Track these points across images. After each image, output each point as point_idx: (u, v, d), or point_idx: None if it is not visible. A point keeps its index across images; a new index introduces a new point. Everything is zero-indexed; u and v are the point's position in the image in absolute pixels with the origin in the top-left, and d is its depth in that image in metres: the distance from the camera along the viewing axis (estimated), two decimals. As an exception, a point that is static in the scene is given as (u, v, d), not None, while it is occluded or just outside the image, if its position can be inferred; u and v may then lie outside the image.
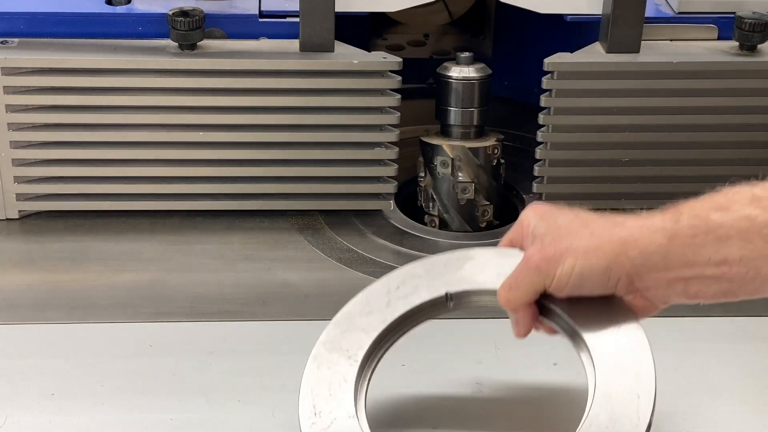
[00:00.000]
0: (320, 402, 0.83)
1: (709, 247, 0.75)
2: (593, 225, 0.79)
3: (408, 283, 0.88)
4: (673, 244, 0.76)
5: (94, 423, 0.89)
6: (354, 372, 0.84)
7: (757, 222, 0.74)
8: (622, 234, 0.77)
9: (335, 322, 0.87)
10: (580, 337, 0.82)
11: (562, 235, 0.79)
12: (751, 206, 0.74)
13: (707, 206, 0.76)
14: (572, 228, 0.79)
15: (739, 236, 0.74)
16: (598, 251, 0.77)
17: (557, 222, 0.80)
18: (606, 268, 0.77)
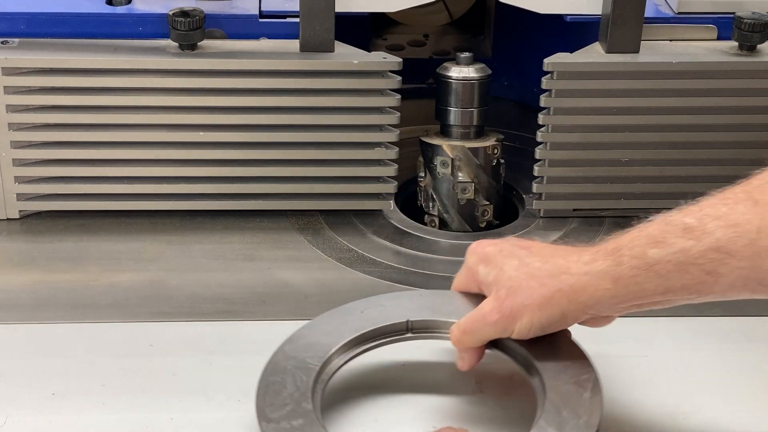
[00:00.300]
0: (273, 409, 0.84)
1: (652, 282, 0.80)
2: (540, 275, 0.85)
3: (372, 308, 0.93)
4: (619, 285, 0.81)
5: (94, 423, 0.89)
6: (311, 380, 0.86)
7: (692, 254, 0.78)
8: (570, 282, 0.83)
9: (298, 332, 0.91)
10: (534, 365, 0.87)
11: (516, 290, 0.85)
12: (684, 238, 0.79)
13: (644, 242, 0.81)
14: (522, 280, 0.85)
15: (677, 269, 0.79)
16: (551, 302, 0.84)
17: (505, 271, 0.86)
18: (562, 315, 0.84)
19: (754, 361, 0.98)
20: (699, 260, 0.78)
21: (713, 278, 0.79)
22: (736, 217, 0.78)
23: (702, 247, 0.78)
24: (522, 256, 0.87)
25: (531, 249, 0.88)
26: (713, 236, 0.78)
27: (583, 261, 0.83)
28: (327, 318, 0.93)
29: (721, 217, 0.78)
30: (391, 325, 0.92)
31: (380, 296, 0.96)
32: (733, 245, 0.77)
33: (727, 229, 0.77)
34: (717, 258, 0.78)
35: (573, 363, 0.87)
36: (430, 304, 0.94)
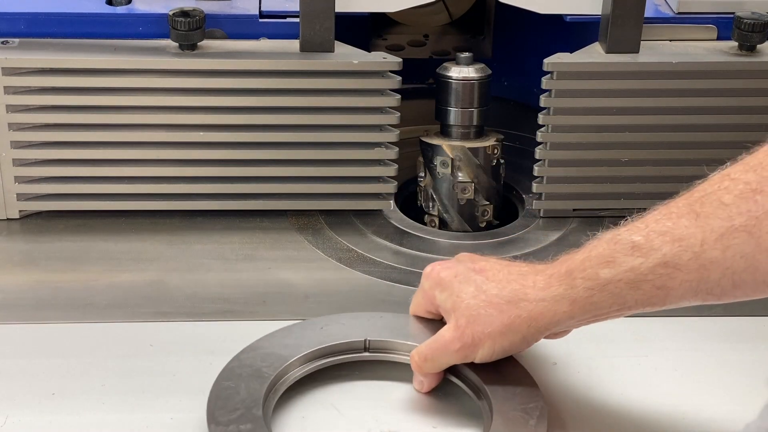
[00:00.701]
0: (223, 413, 0.85)
1: (607, 301, 0.83)
2: (498, 302, 0.86)
3: (332, 325, 0.95)
4: (575, 307, 0.84)
5: (94, 423, 0.89)
6: (263, 388, 0.88)
7: (641, 271, 0.80)
8: (529, 308, 0.85)
9: (256, 342, 0.93)
10: (483, 391, 0.89)
11: (475, 318, 0.87)
12: (632, 256, 0.81)
13: (595, 263, 0.83)
14: (480, 308, 0.87)
15: (629, 287, 0.81)
16: (512, 329, 0.86)
17: (462, 299, 0.88)
18: (522, 339, 0.87)
19: (754, 361, 0.98)
20: (649, 276, 0.80)
21: (664, 292, 0.81)
22: (680, 231, 0.79)
23: (650, 264, 0.80)
24: (478, 282, 0.88)
25: (486, 273, 0.89)
26: (660, 252, 0.80)
27: (539, 287, 0.85)
28: (286, 331, 0.95)
29: (666, 232, 0.80)
30: (349, 342, 0.94)
31: (341, 315, 0.98)
32: (679, 259, 0.79)
33: (672, 245, 0.79)
34: (665, 273, 0.80)
35: (522, 390, 0.89)
36: (389, 325, 0.96)
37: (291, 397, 0.92)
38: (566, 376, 0.95)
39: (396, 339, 0.94)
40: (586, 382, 0.95)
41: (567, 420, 0.90)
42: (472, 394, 0.90)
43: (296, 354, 0.92)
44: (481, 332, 0.87)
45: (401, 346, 0.94)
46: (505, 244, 1.17)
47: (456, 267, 0.91)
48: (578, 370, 0.96)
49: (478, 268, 0.90)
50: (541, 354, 0.97)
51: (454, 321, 0.88)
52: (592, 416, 0.91)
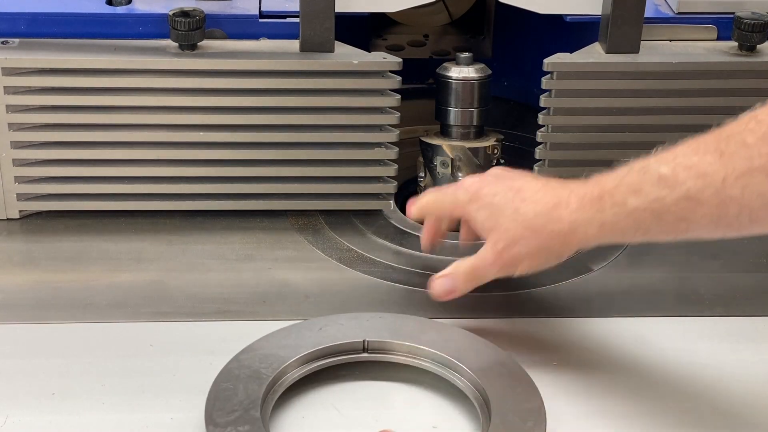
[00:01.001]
0: (221, 414, 0.85)
1: (632, 227, 0.88)
2: (534, 224, 0.93)
3: (331, 326, 0.96)
4: (603, 230, 0.90)
5: (94, 423, 0.89)
6: (262, 389, 0.88)
7: (666, 203, 0.85)
8: (560, 229, 0.92)
9: (254, 343, 0.93)
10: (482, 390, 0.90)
11: (513, 242, 0.94)
12: (658, 187, 0.86)
13: (624, 191, 0.88)
14: (518, 231, 0.94)
15: (654, 217, 0.86)
16: (545, 248, 0.94)
17: (501, 224, 0.95)
18: (556, 257, 0.95)
19: (754, 361, 0.98)
20: (672, 208, 0.85)
21: (686, 224, 0.85)
22: (704, 167, 0.83)
23: (675, 197, 0.85)
24: (516, 203, 0.95)
25: (523, 193, 0.95)
26: (684, 186, 0.84)
27: (572, 208, 0.91)
28: (285, 332, 0.95)
29: (692, 167, 0.84)
30: (347, 343, 0.94)
31: (340, 315, 0.98)
32: (702, 194, 0.83)
33: (696, 180, 0.84)
34: (688, 206, 0.84)
35: (521, 391, 0.89)
36: (388, 326, 0.96)
37: (290, 398, 0.92)
38: (566, 376, 0.95)
39: (395, 340, 0.94)
40: (586, 382, 0.95)
41: (566, 421, 0.90)
42: (472, 394, 0.90)
43: (295, 355, 0.92)
44: (518, 253, 0.94)
45: (400, 347, 0.94)
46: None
47: (496, 185, 0.97)
48: (578, 370, 0.96)
49: (516, 187, 0.96)
50: (540, 354, 0.97)
51: (493, 244, 0.95)
52: (591, 416, 0.91)
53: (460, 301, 1.04)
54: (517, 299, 1.06)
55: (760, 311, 1.05)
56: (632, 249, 1.13)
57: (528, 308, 1.05)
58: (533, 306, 1.05)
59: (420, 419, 0.91)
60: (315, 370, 0.93)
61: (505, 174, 0.99)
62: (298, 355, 0.92)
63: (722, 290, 1.08)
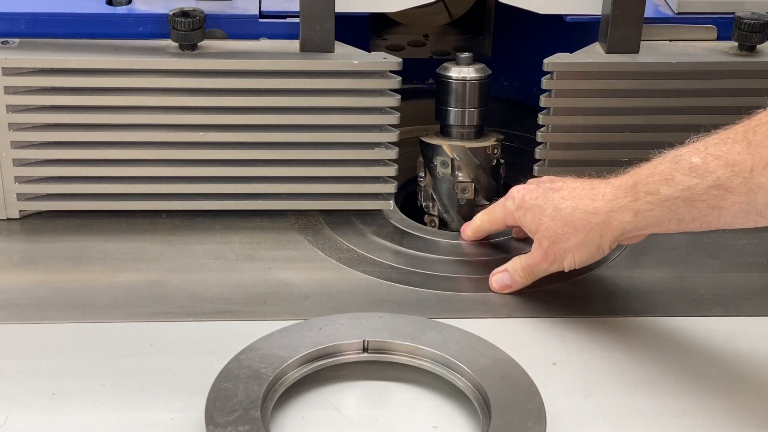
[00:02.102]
0: (221, 414, 0.85)
1: (666, 215, 0.92)
2: (573, 219, 0.99)
3: (331, 326, 0.96)
4: (638, 218, 0.94)
5: (94, 423, 0.89)
6: (262, 389, 0.88)
7: (697, 191, 0.89)
8: (599, 221, 0.97)
9: (254, 343, 0.93)
10: (482, 390, 0.90)
11: (556, 239, 1.01)
12: (689, 176, 0.89)
13: (656, 179, 0.92)
14: (558, 228, 1.01)
15: (686, 204, 0.90)
16: (587, 241, 0.99)
17: (543, 222, 1.02)
18: (597, 248, 0.99)
19: (754, 361, 0.98)
20: (703, 196, 0.88)
21: (717, 211, 0.88)
22: (733, 156, 0.87)
23: (705, 185, 0.88)
24: (556, 201, 1.01)
25: (562, 191, 1.01)
26: (714, 175, 0.88)
27: (607, 198, 0.97)
28: (285, 332, 0.95)
29: (721, 156, 0.88)
30: (347, 343, 0.94)
31: (340, 315, 0.98)
32: (731, 183, 0.87)
33: (725, 169, 0.87)
34: (718, 194, 0.88)
35: (521, 391, 0.89)
36: (388, 326, 0.96)
37: (290, 398, 0.92)
38: (566, 376, 0.95)
39: (395, 340, 0.94)
40: (585, 383, 0.95)
41: (566, 421, 0.90)
42: (472, 394, 0.90)
43: (295, 355, 0.92)
44: (562, 248, 1.01)
45: (400, 347, 0.94)
46: (505, 244, 1.17)
47: (537, 189, 1.04)
48: (578, 370, 0.96)
49: (556, 188, 1.02)
50: (540, 354, 0.97)
51: (538, 242, 1.03)
52: (591, 417, 0.91)
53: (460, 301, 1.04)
54: (517, 299, 1.06)
55: (760, 311, 1.05)
56: (632, 249, 1.13)
57: (528, 308, 1.05)
58: (533, 306, 1.05)
59: (420, 419, 0.91)
60: (315, 370, 0.93)
61: (548, 178, 1.06)
62: (298, 355, 0.92)
63: (722, 290, 1.08)
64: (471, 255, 1.15)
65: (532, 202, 1.04)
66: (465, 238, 1.15)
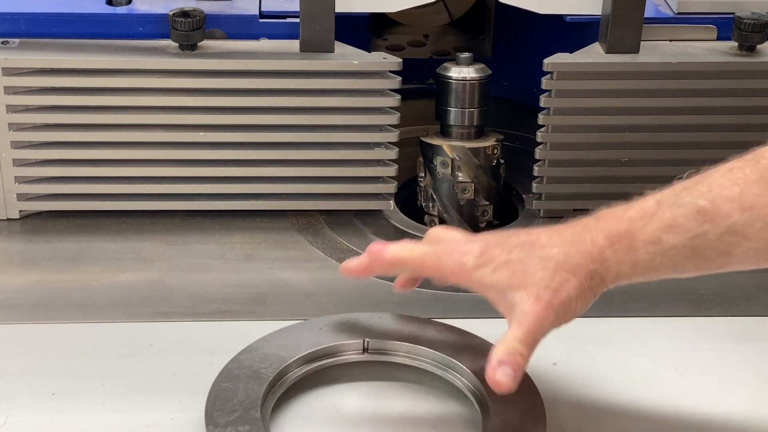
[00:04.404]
0: (221, 414, 0.85)
1: (668, 265, 0.82)
2: (567, 265, 0.83)
3: (331, 326, 0.95)
4: (636, 269, 0.83)
5: (94, 423, 0.89)
6: (262, 389, 0.88)
7: (708, 238, 0.80)
8: (597, 268, 0.83)
9: (254, 343, 0.93)
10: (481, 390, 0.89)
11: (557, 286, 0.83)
12: (698, 222, 0.80)
13: (657, 227, 0.81)
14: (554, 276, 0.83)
15: (693, 254, 0.81)
16: (589, 289, 0.83)
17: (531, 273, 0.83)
18: (594, 294, 0.84)
19: (755, 361, 0.98)
20: (715, 244, 0.80)
21: (726, 259, 0.81)
22: (751, 199, 0.79)
23: (718, 231, 0.79)
24: (538, 253, 0.84)
25: (539, 242, 0.85)
26: (730, 219, 0.79)
27: (600, 246, 0.83)
28: (285, 332, 0.95)
29: (735, 199, 0.79)
30: (347, 343, 0.94)
31: (340, 315, 0.98)
32: (750, 228, 0.79)
33: (743, 213, 0.79)
34: (733, 241, 0.79)
35: (521, 391, 0.87)
36: (388, 326, 0.96)
37: (290, 398, 0.92)
38: (566, 376, 0.95)
39: (395, 340, 0.94)
40: (585, 383, 0.95)
41: (566, 421, 0.90)
42: (472, 394, 0.90)
43: (295, 355, 0.92)
44: (567, 297, 0.82)
45: (400, 347, 0.94)
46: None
47: (502, 244, 0.85)
48: (578, 370, 0.96)
49: (525, 240, 0.85)
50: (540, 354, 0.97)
51: (535, 298, 0.82)
52: (591, 417, 0.91)
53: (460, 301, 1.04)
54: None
55: (760, 311, 1.05)
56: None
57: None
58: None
59: (420, 419, 0.91)
60: (315, 370, 0.93)
61: (501, 233, 0.88)
62: (298, 355, 0.92)
63: (722, 290, 1.08)
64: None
65: (503, 258, 0.84)
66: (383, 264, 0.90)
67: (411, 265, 0.89)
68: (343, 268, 0.91)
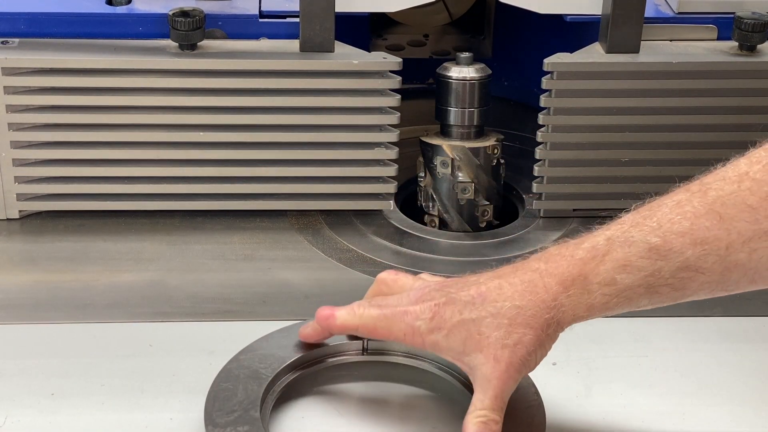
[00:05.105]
0: (221, 415, 0.85)
1: (623, 305, 0.81)
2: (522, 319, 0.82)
3: None
4: (593, 311, 0.82)
5: (94, 423, 0.89)
6: (261, 390, 0.88)
7: (662, 275, 0.79)
8: (553, 316, 0.81)
9: (254, 343, 0.93)
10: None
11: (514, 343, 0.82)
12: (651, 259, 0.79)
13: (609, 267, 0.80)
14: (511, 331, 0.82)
15: (648, 292, 0.80)
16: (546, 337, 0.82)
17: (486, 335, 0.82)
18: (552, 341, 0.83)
19: (754, 361, 0.98)
20: (669, 280, 0.79)
21: (680, 293, 0.80)
22: (701, 233, 0.78)
23: (672, 267, 0.79)
24: (490, 309, 0.83)
25: (490, 295, 0.83)
26: (683, 255, 0.78)
27: (552, 292, 0.81)
28: (284, 332, 0.95)
29: (686, 233, 0.78)
30: (347, 343, 0.94)
31: None
32: (703, 263, 0.78)
33: (695, 248, 0.78)
34: (687, 276, 0.79)
35: (521, 391, 0.88)
36: None
37: (290, 398, 0.92)
38: (566, 376, 0.95)
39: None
40: (585, 383, 0.95)
41: (566, 421, 0.90)
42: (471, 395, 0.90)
43: (294, 355, 0.92)
44: (527, 352, 0.82)
45: (400, 347, 0.94)
46: (505, 244, 1.17)
47: (450, 303, 0.84)
48: (578, 370, 0.96)
49: (474, 294, 0.83)
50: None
51: (494, 360, 0.82)
52: (591, 417, 0.91)
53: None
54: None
55: (760, 311, 1.05)
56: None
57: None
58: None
59: (420, 419, 0.91)
60: (315, 370, 0.93)
61: (441, 286, 0.87)
62: (297, 355, 0.92)
63: (722, 290, 1.08)
64: (471, 255, 1.15)
65: (455, 319, 0.83)
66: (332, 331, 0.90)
67: (362, 331, 0.89)
68: (300, 334, 0.92)
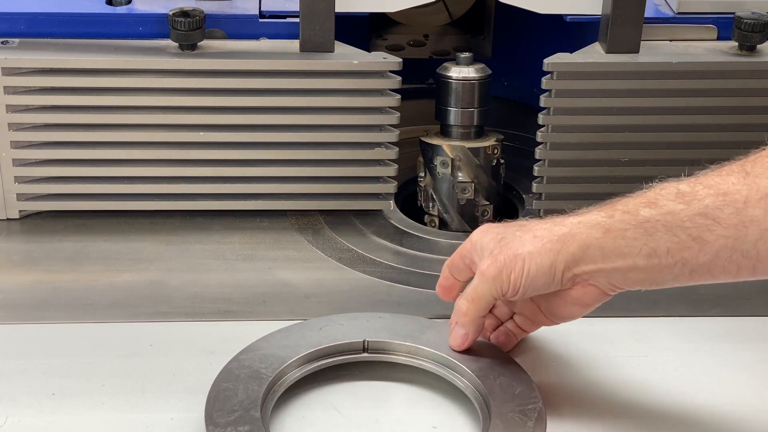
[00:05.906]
0: (221, 414, 0.85)
1: (640, 240, 0.83)
2: (536, 228, 0.87)
3: (331, 326, 0.95)
4: (607, 237, 0.84)
5: (94, 423, 0.89)
6: (262, 390, 0.88)
7: (680, 216, 0.81)
8: (562, 231, 0.85)
9: (255, 343, 0.93)
10: (481, 391, 0.90)
11: (509, 244, 0.87)
12: (675, 201, 0.82)
13: (638, 202, 0.84)
14: (516, 236, 0.87)
15: (665, 229, 0.82)
16: (542, 251, 0.85)
17: (501, 234, 0.88)
18: (551, 264, 0.85)
19: (754, 361, 0.98)
20: (686, 224, 0.81)
21: (698, 245, 0.81)
22: (726, 186, 0.81)
23: (690, 212, 0.81)
24: (524, 228, 0.88)
25: (530, 224, 0.89)
26: (702, 202, 0.81)
27: (578, 215, 0.87)
28: (285, 332, 0.95)
29: (713, 186, 0.82)
30: (347, 343, 0.94)
31: (340, 315, 0.98)
32: (720, 212, 0.80)
33: (716, 197, 0.81)
34: (703, 224, 0.81)
35: (521, 391, 0.89)
36: (388, 326, 0.96)
37: (290, 398, 0.92)
38: (566, 376, 0.95)
39: (395, 340, 0.94)
40: (585, 383, 0.95)
41: (566, 421, 0.90)
42: (472, 394, 0.90)
43: (295, 355, 0.92)
44: (513, 254, 0.86)
45: (400, 347, 0.94)
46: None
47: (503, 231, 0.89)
48: (578, 370, 0.96)
49: (520, 224, 0.90)
50: (540, 354, 0.97)
51: (490, 252, 0.88)
52: (591, 417, 0.91)
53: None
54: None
55: (760, 311, 1.05)
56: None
57: (528, 308, 1.05)
58: (533, 306, 1.05)
59: (420, 419, 0.91)
60: (315, 370, 0.93)
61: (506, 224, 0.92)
62: (298, 355, 0.92)
63: (722, 290, 1.08)
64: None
65: (493, 231, 0.90)
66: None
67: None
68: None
